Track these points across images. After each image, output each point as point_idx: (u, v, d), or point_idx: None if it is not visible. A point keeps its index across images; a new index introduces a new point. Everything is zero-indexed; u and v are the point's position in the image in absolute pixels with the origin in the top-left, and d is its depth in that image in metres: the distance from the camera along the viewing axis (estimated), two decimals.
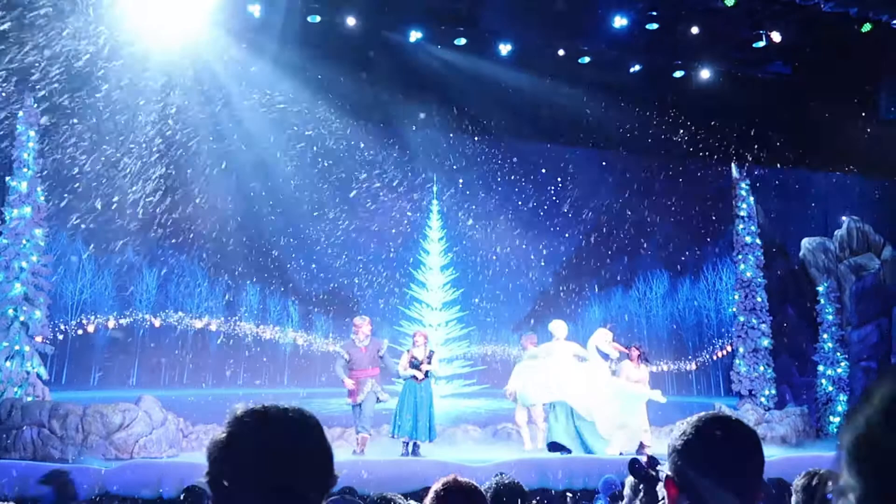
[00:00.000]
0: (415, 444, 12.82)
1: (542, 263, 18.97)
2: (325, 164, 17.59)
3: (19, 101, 14.84)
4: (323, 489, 1.88)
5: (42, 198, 14.65)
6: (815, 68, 17.21)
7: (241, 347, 16.87)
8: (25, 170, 14.54)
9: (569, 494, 11.14)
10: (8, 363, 13.88)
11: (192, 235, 16.66)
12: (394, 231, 18.05)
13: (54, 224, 15.15)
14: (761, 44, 16.23)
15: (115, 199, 16.01)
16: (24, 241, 14.31)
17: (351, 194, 17.53)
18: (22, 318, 14.11)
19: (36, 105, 14.86)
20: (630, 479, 5.46)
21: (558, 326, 13.58)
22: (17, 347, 13.97)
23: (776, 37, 15.99)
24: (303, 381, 16.97)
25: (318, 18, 15.12)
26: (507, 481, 4.42)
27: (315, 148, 17.51)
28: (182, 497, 7.54)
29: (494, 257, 18.42)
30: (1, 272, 14.18)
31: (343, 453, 12.79)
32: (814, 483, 4.54)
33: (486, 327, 18.15)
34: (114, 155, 15.80)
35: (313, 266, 17.51)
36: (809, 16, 15.36)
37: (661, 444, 12.14)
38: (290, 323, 17.18)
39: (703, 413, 2.28)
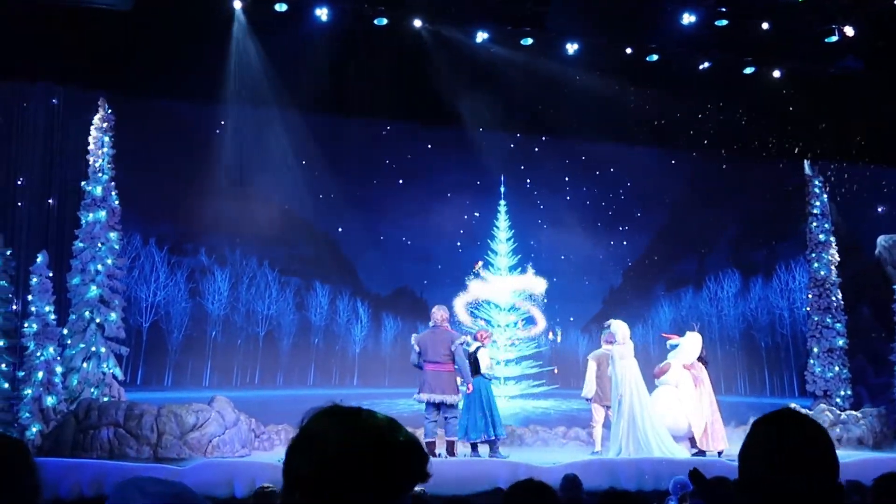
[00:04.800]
0: (481, 443, 12.77)
1: (611, 264, 18.85)
2: (393, 166, 17.69)
3: (94, 106, 15.16)
4: (403, 488, 1.84)
5: (116, 202, 14.94)
6: (888, 63, 16.86)
7: (310, 348, 17.01)
8: (101, 174, 14.84)
9: None
10: (85, 364, 14.18)
11: (262, 237, 16.84)
12: (461, 231, 18.05)
13: (129, 227, 15.46)
14: (833, 38, 15.94)
15: (187, 201, 16.28)
16: (99, 245, 14.61)
17: (418, 195, 17.56)
18: (98, 320, 14.41)
19: (110, 110, 15.17)
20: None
21: (622, 327, 13.44)
22: (93, 349, 14.27)
23: (849, 31, 15.69)
24: (371, 382, 17.07)
25: (384, 21, 15.19)
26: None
27: (383, 149, 17.62)
28: (254, 498, 7.63)
29: (563, 257, 18.32)
30: (77, 275, 14.49)
31: None
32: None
33: (554, 328, 18.07)
34: (183, 156, 16.06)
35: (382, 267, 17.60)
36: (883, 9, 15.06)
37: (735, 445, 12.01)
38: (358, 323, 17.28)
39: (765, 415, 2.23)
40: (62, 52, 14.31)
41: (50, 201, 15.21)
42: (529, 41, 15.96)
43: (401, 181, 17.65)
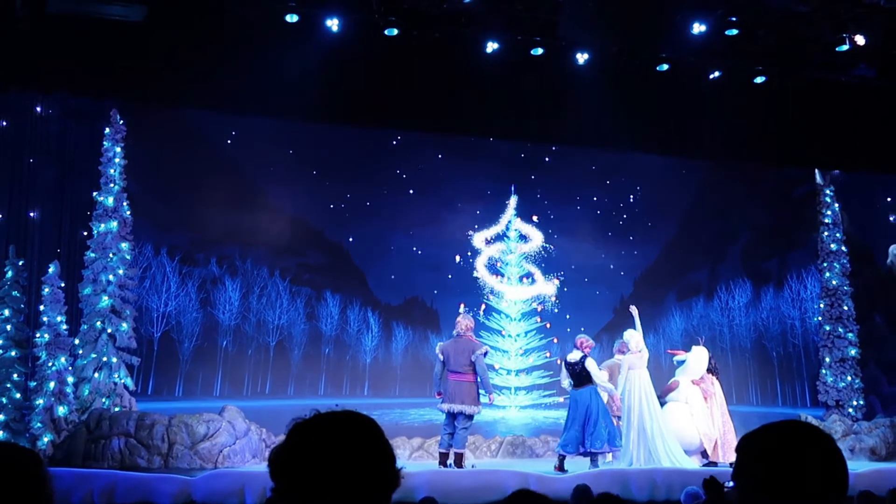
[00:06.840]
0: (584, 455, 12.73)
1: (622, 273, 18.81)
2: (404, 175, 17.71)
3: (106, 117, 15.23)
4: (383, 491, 1.89)
5: (128, 212, 14.99)
6: None
7: (321, 358, 17.01)
8: (112, 185, 14.91)
9: None
10: (96, 374, 14.22)
11: (273, 247, 16.87)
12: (471, 241, 18.03)
13: (140, 237, 15.51)
14: (845, 47, 15.90)
15: (198, 211, 16.32)
16: (111, 255, 14.66)
17: (429, 204, 17.58)
18: (109, 330, 14.45)
19: (122, 121, 15.24)
20: None
21: (635, 336, 13.42)
22: (104, 359, 14.31)
23: (860, 40, 15.65)
24: (382, 392, 17.06)
25: (395, 32, 15.20)
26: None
27: (393, 159, 17.65)
28: None
29: (573, 266, 18.30)
30: (89, 285, 14.54)
31: (425, 464, 12.79)
32: None
33: (565, 337, 18.02)
34: (195, 167, 16.10)
35: (392, 277, 17.60)
36: (894, 18, 15.01)
37: None
38: (369, 333, 17.28)
39: (775, 423, 2.14)
40: (74, 62, 14.37)
41: (62, 212, 15.27)
42: (540, 51, 15.96)
43: (411, 191, 17.67)
